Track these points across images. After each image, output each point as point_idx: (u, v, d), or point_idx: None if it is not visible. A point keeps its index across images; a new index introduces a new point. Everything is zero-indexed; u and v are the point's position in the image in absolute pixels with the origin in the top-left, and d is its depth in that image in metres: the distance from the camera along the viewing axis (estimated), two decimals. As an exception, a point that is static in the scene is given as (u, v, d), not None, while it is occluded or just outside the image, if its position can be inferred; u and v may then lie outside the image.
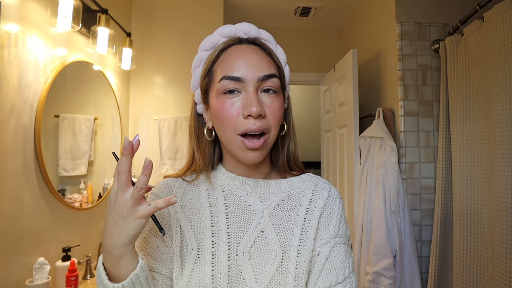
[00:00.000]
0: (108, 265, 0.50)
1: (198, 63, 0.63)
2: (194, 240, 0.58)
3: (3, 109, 1.12)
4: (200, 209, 0.61)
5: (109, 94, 1.90)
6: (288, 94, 0.68)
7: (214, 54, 0.60)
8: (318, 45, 3.00)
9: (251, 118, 0.55)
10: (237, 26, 0.61)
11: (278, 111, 0.58)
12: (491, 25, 1.37)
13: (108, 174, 1.87)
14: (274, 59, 0.61)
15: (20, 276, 1.18)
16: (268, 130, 0.57)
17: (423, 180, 1.83)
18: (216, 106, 0.58)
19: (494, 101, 1.34)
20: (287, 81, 0.65)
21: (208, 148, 0.65)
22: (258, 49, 0.60)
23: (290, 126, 0.67)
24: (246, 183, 0.63)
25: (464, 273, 1.51)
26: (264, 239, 0.58)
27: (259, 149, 0.57)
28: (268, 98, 0.57)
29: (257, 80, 0.56)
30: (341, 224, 0.63)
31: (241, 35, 0.61)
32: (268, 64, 0.58)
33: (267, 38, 0.63)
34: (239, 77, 0.56)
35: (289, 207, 0.62)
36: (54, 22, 1.32)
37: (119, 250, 0.48)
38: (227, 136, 0.57)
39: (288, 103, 0.68)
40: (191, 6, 2.30)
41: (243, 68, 0.56)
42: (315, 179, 0.67)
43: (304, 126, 4.00)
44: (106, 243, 0.49)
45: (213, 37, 0.61)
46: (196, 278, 0.55)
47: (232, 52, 0.59)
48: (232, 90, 0.56)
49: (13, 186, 1.17)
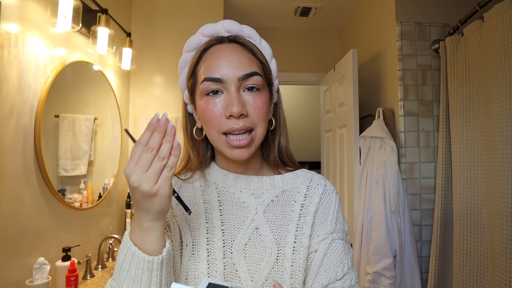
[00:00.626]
0: (136, 239, 0.48)
1: (183, 65, 0.63)
2: (189, 236, 0.58)
3: (3, 109, 1.12)
4: (195, 206, 0.61)
5: (109, 94, 1.90)
6: (277, 88, 0.67)
7: (197, 55, 0.60)
8: (318, 45, 3.00)
9: (233, 118, 0.55)
10: (219, 24, 0.61)
11: (262, 108, 0.58)
12: (491, 25, 1.37)
13: (108, 174, 1.87)
14: (256, 56, 0.61)
15: (20, 276, 1.18)
16: (252, 128, 0.57)
17: (423, 180, 1.83)
18: (201, 107, 0.58)
19: (494, 101, 1.34)
20: (274, 75, 0.65)
21: (202, 146, 0.66)
22: (239, 48, 0.60)
23: (280, 120, 0.67)
24: (240, 179, 0.63)
25: (464, 273, 1.51)
26: (259, 236, 0.58)
27: (246, 147, 0.57)
28: (251, 96, 0.57)
29: (237, 79, 0.56)
30: (338, 220, 0.63)
31: (223, 33, 0.61)
32: (248, 62, 0.58)
33: (250, 34, 0.62)
34: (219, 78, 0.56)
35: (284, 203, 0.62)
36: (54, 22, 1.32)
37: (148, 224, 0.48)
38: (212, 135, 0.58)
39: (278, 97, 0.67)
40: (191, 6, 2.30)
41: (222, 68, 0.56)
42: (310, 175, 0.67)
43: (304, 126, 4.00)
44: (136, 213, 0.48)
45: (195, 37, 0.62)
46: (192, 276, 0.55)
47: (213, 52, 0.59)
48: (215, 90, 0.57)
49: (13, 186, 1.17)
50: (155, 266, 0.47)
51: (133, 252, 0.47)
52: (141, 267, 0.47)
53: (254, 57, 0.60)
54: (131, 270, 0.47)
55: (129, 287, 0.47)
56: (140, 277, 0.47)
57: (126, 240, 0.49)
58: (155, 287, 0.47)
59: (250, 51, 0.60)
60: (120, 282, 0.48)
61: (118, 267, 0.49)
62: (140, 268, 0.47)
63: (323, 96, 2.70)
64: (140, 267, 0.47)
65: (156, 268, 0.47)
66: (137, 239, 0.48)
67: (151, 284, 0.47)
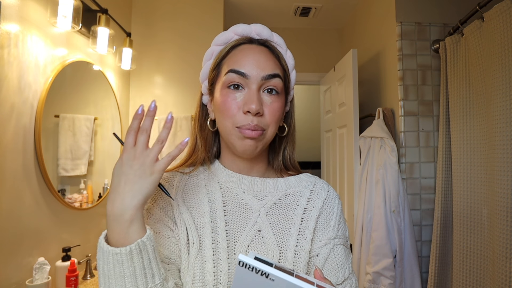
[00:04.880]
0: (115, 237, 0.48)
1: (209, 56, 0.65)
2: (195, 234, 0.58)
3: (3, 109, 1.12)
4: (200, 203, 0.61)
5: (109, 94, 1.90)
6: (292, 97, 0.69)
7: (225, 50, 0.62)
8: (318, 45, 3.00)
9: (250, 115, 0.57)
10: (251, 27, 0.63)
11: (277, 111, 0.60)
12: (491, 25, 1.37)
13: (108, 174, 1.87)
14: (281, 62, 0.63)
15: (20, 276, 1.18)
16: (264, 129, 0.58)
17: (423, 180, 1.83)
18: (219, 98, 0.60)
19: (494, 101, 1.34)
20: (292, 85, 0.67)
21: (210, 137, 0.67)
22: (266, 51, 0.62)
23: (290, 129, 0.68)
24: (243, 180, 0.63)
25: (464, 273, 1.51)
26: (261, 239, 0.58)
27: (256, 139, 0.58)
28: (269, 98, 0.59)
29: (260, 78, 0.58)
30: (340, 225, 0.64)
31: (254, 35, 0.63)
32: (274, 65, 0.60)
33: (278, 42, 0.65)
34: (244, 72, 0.58)
35: (287, 206, 0.62)
36: (54, 22, 1.32)
37: (131, 213, 0.47)
38: (225, 127, 0.59)
39: (291, 107, 0.69)
40: (191, 6, 2.29)
41: (249, 65, 0.58)
42: (313, 179, 0.68)
43: (304, 126, 4.00)
44: (117, 207, 0.48)
45: (227, 33, 0.64)
46: (199, 274, 0.55)
47: (242, 50, 0.61)
48: (237, 85, 0.58)
49: (13, 186, 1.17)
50: (135, 253, 0.47)
51: (102, 247, 0.47)
52: (121, 260, 0.46)
53: (279, 62, 0.62)
54: (114, 268, 0.47)
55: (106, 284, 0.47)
56: (123, 270, 0.46)
57: (100, 242, 0.48)
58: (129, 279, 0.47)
59: (277, 57, 0.63)
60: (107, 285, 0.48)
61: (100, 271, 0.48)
62: (120, 262, 0.46)
63: (323, 96, 2.70)
64: (120, 261, 0.46)
65: (136, 254, 0.47)
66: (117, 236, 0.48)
67: (135, 272, 0.47)
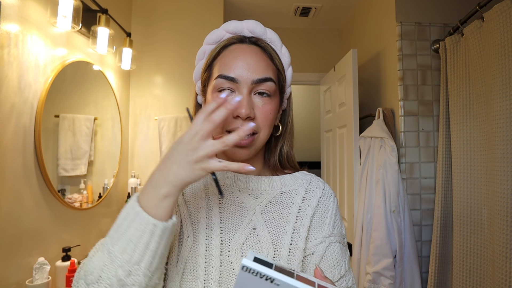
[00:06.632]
0: (147, 203, 0.47)
1: (201, 56, 0.64)
2: (190, 228, 0.58)
3: (3, 109, 1.12)
4: (197, 198, 0.61)
5: (109, 94, 1.90)
6: (288, 95, 0.68)
7: (216, 50, 0.61)
8: (318, 45, 3.00)
9: (240, 119, 0.56)
10: (243, 23, 0.61)
11: (270, 114, 0.59)
12: (491, 25, 1.37)
13: (108, 174, 1.87)
14: (274, 62, 0.61)
15: (20, 276, 1.18)
16: (256, 132, 0.58)
17: (423, 180, 1.83)
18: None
19: (494, 101, 1.34)
20: (288, 83, 0.66)
21: None
22: (258, 51, 0.60)
23: (287, 127, 0.67)
24: (238, 179, 0.63)
25: (464, 273, 1.51)
26: (256, 237, 0.58)
27: (247, 147, 0.57)
28: (261, 100, 0.58)
29: (251, 82, 0.57)
30: (335, 223, 0.63)
31: (246, 32, 0.62)
32: (265, 67, 0.59)
33: (272, 39, 0.63)
34: (234, 77, 0.56)
35: (281, 204, 0.62)
36: (54, 22, 1.32)
37: (169, 189, 0.46)
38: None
39: (289, 104, 0.68)
40: (191, 6, 2.30)
41: (239, 68, 0.57)
42: (309, 177, 0.67)
43: (304, 126, 4.00)
44: (160, 177, 0.47)
45: (218, 31, 0.62)
46: (190, 268, 0.55)
47: (232, 50, 0.60)
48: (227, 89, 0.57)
49: (13, 186, 1.17)
50: (157, 232, 0.46)
51: (138, 212, 0.46)
52: (142, 228, 0.45)
53: (271, 62, 0.61)
54: (130, 229, 0.46)
55: (123, 248, 0.45)
56: (138, 238, 0.45)
57: (133, 201, 0.47)
58: (151, 253, 0.46)
59: (269, 56, 0.61)
60: (114, 240, 0.46)
61: (116, 225, 0.47)
62: (140, 229, 0.45)
63: (323, 96, 2.70)
64: (141, 228, 0.45)
65: (158, 234, 0.46)
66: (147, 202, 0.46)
67: (147, 248, 0.45)
